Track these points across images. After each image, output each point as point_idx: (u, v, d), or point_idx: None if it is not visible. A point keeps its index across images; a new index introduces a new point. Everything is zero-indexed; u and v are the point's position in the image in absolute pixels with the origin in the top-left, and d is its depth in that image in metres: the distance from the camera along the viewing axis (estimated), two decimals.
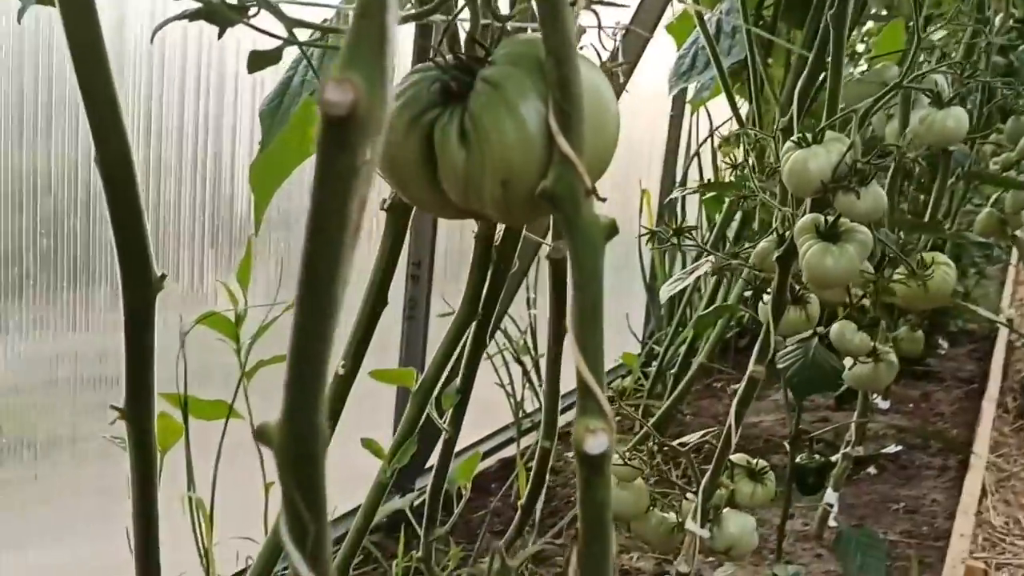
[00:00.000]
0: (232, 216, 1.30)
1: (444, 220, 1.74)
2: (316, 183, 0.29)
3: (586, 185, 0.45)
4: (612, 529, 0.45)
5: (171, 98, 1.17)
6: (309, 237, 0.28)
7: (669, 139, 2.88)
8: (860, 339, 1.15)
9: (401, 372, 1.08)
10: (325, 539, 0.33)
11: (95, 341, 1.19)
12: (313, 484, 0.32)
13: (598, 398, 0.44)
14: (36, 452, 1.15)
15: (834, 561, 1.77)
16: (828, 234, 0.86)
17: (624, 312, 2.76)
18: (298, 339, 0.30)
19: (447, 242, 1.75)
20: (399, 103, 0.48)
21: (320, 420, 0.32)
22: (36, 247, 1.04)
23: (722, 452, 1.06)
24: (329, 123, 0.28)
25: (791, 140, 0.85)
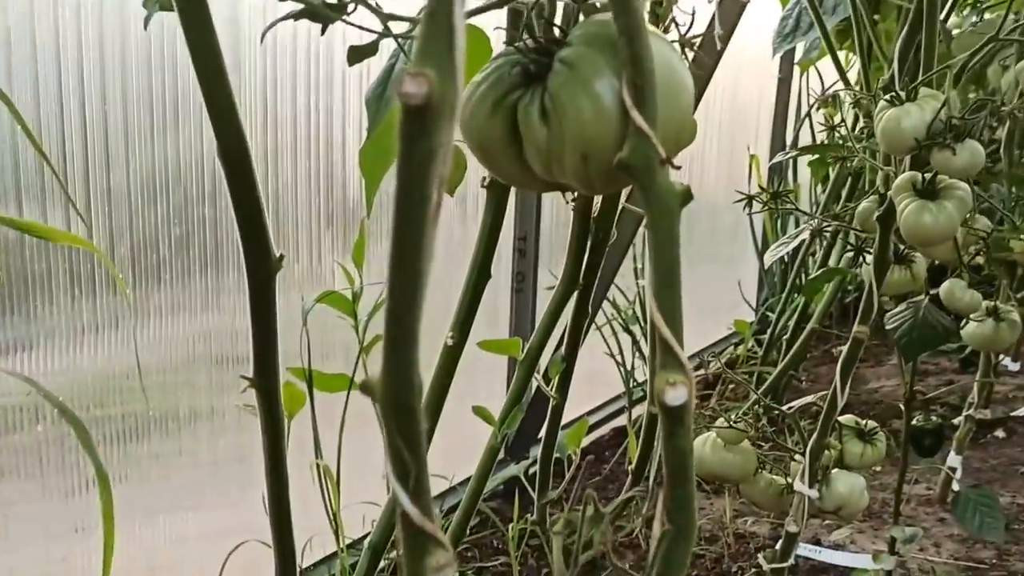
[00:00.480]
0: (345, 199, 1.36)
1: (548, 195, 1.77)
2: (399, 166, 0.33)
3: (660, 155, 0.47)
4: (694, 474, 0.48)
5: (284, 88, 1.24)
6: (396, 214, 0.32)
7: (777, 102, 2.83)
8: (970, 297, 1.12)
9: (507, 342, 1.13)
10: (424, 478, 0.37)
11: (226, 322, 1.27)
12: (411, 429, 0.36)
13: (677, 353, 0.46)
14: (179, 426, 1.25)
15: (957, 525, 1.73)
16: (926, 191, 0.85)
17: (736, 280, 2.74)
18: (392, 305, 0.34)
19: (552, 216, 1.78)
20: (484, 87, 0.52)
21: (414, 374, 0.36)
22: (170, 235, 1.13)
23: (828, 413, 1.06)
24: (408, 112, 0.32)
25: (884, 99, 0.84)
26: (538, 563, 1.55)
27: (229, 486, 1.33)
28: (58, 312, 1.05)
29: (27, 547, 1.11)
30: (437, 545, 0.37)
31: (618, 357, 1.88)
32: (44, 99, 0.98)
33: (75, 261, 1.05)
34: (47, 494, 1.12)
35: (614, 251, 1.29)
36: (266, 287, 0.67)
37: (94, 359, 1.11)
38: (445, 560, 0.37)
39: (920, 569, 1.59)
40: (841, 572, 1.53)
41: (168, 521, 1.27)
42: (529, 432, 1.75)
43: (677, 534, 0.47)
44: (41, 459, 1.10)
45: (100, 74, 1.02)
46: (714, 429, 1.11)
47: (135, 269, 1.11)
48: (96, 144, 1.03)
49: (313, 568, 1.38)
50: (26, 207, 0.97)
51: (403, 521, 0.37)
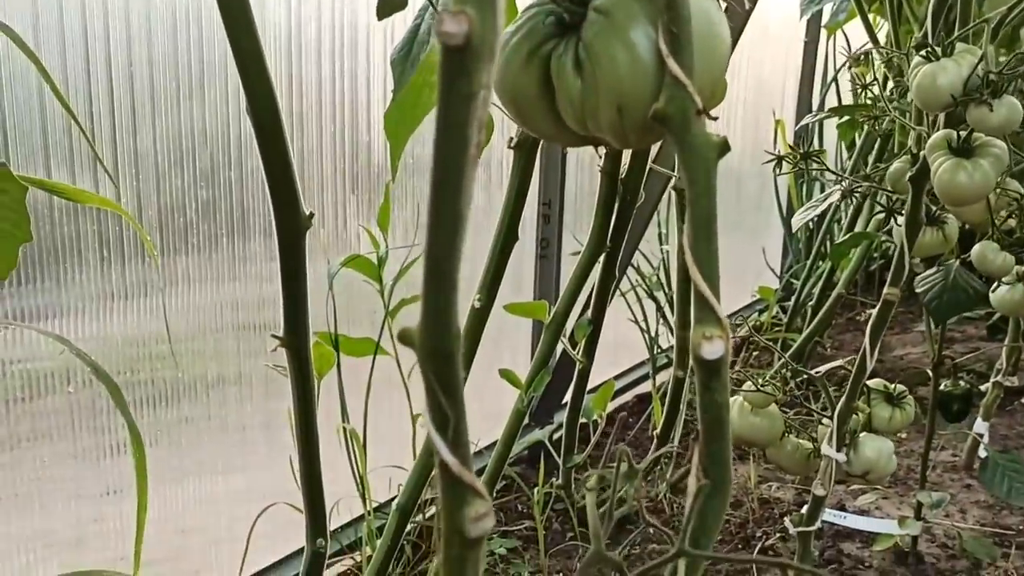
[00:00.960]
0: (370, 164, 1.36)
1: (573, 160, 1.76)
2: (439, 107, 0.32)
3: (697, 105, 0.46)
4: (729, 429, 0.47)
5: (309, 52, 1.24)
6: (435, 154, 0.32)
7: (804, 66, 2.79)
8: (1003, 260, 1.11)
9: (534, 305, 1.12)
10: (464, 428, 0.37)
11: (253, 288, 1.28)
12: (450, 377, 0.36)
13: (713, 307, 0.46)
14: (208, 391, 1.26)
15: (983, 492, 1.72)
16: (961, 149, 0.84)
17: (761, 246, 2.73)
18: (430, 249, 0.34)
19: (576, 181, 1.77)
20: (517, 37, 0.51)
21: (453, 321, 0.35)
22: (197, 199, 1.13)
23: (857, 377, 1.05)
24: (448, 51, 0.31)
25: (919, 55, 0.83)
26: (563, 527, 1.56)
27: (257, 450, 1.34)
28: (88, 278, 1.05)
29: (59, 509, 1.13)
30: (476, 495, 0.37)
31: (642, 323, 1.87)
32: (71, 61, 0.97)
33: (104, 227, 1.05)
34: (79, 457, 1.13)
35: (640, 214, 1.28)
36: (296, 245, 0.67)
37: (124, 325, 1.11)
38: (484, 510, 0.37)
39: (946, 535, 1.58)
40: (866, 537, 1.53)
41: (197, 484, 1.28)
42: (553, 398, 1.76)
43: (713, 488, 0.47)
44: (72, 422, 1.11)
45: (127, 37, 1.02)
46: (742, 393, 1.11)
47: (163, 233, 1.12)
48: (123, 107, 1.03)
49: (340, 531, 1.39)
50: (54, 170, 0.97)
51: (442, 471, 0.37)
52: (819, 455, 1.12)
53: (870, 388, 1.13)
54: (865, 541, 1.54)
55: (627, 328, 1.89)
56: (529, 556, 1.49)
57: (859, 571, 1.47)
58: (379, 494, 1.40)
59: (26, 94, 0.94)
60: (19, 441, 1.07)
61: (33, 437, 1.09)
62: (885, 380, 1.18)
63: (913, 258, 1.02)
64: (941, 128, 0.89)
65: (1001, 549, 1.54)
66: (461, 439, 0.37)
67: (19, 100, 0.93)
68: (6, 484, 1.07)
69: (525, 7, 0.53)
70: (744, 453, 1.81)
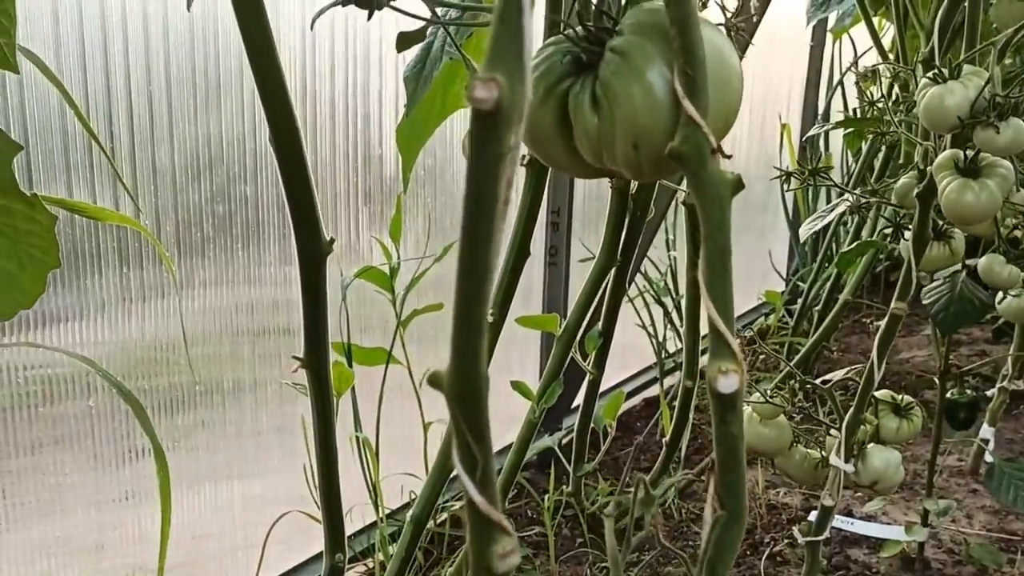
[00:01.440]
0: (382, 176, 1.38)
1: None
2: (470, 167, 0.34)
3: (711, 144, 0.48)
4: (745, 460, 0.49)
5: (322, 67, 1.25)
6: (466, 208, 0.33)
7: (810, 70, 2.80)
8: (1009, 272, 1.12)
9: (545, 318, 1.14)
10: (491, 469, 0.38)
11: (268, 295, 1.30)
12: (478, 421, 0.37)
13: (728, 341, 0.47)
14: (224, 396, 1.28)
15: (989, 496, 1.73)
16: (968, 169, 0.85)
17: (767, 249, 2.74)
18: (460, 300, 0.35)
19: (584, 190, 1.78)
20: (535, 75, 0.52)
21: (481, 365, 0.37)
22: (213, 213, 1.15)
23: (865, 388, 1.06)
24: (479, 116, 0.33)
25: (926, 76, 0.84)
26: (572, 533, 1.58)
27: (272, 455, 1.36)
28: (107, 286, 1.07)
29: (79, 515, 1.15)
30: (503, 533, 0.39)
31: (650, 329, 1.88)
32: (92, 81, 0.99)
33: (123, 237, 1.07)
34: (98, 463, 1.15)
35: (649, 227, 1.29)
36: (317, 270, 0.68)
37: (142, 332, 1.13)
38: (511, 547, 0.39)
39: (952, 541, 1.60)
40: (873, 543, 1.55)
41: (213, 490, 1.30)
42: (562, 403, 1.77)
43: (729, 519, 0.48)
44: (92, 429, 1.13)
45: (145, 56, 1.04)
46: (750, 404, 1.12)
47: (180, 246, 1.13)
48: (142, 124, 1.05)
49: (353, 537, 1.41)
50: (75, 186, 0.99)
51: (470, 509, 0.38)
52: (827, 465, 1.13)
53: (878, 399, 1.14)
54: (872, 547, 1.56)
55: (635, 332, 1.91)
56: (539, 562, 1.51)
57: None
58: (391, 501, 1.42)
59: (48, 114, 0.95)
60: (40, 446, 1.09)
61: (54, 442, 1.10)
62: (892, 383, 1.20)
63: (920, 271, 1.04)
64: (948, 147, 0.90)
65: (1007, 555, 1.55)
66: (488, 479, 0.38)
67: (41, 120, 0.95)
68: (27, 490, 1.09)
69: (542, 46, 0.55)
70: (752, 459, 1.83)
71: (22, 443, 1.07)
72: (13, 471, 1.07)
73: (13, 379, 1.04)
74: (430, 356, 1.45)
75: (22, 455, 1.07)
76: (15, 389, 1.04)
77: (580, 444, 1.43)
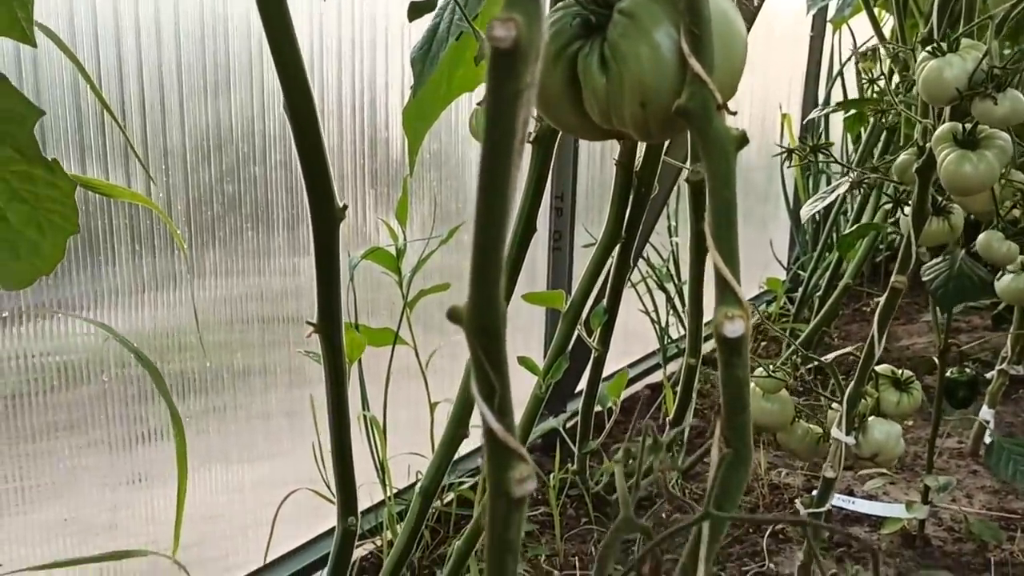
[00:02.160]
0: (388, 159, 1.39)
1: (584, 155, 1.79)
2: (489, 104, 0.35)
3: (717, 100, 0.49)
4: (750, 404, 0.50)
5: (330, 51, 1.27)
6: (485, 145, 0.35)
7: (810, 61, 2.82)
8: (1008, 248, 1.14)
9: (551, 294, 1.15)
10: (508, 398, 0.40)
11: (277, 283, 1.31)
12: (496, 352, 0.39)
13: (734, 288, 0.49)
14: (235, 381, 1.30)
15: (989, 477, 1.75)
16: (966, 141, 0.87)
17: (768, 239, 2.75)
18: (479, 233, 0.37)
19: (588, 176, 1.80)
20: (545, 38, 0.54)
21: (499, 300, 0.38)
22: (223, 193, 1.17)
23: (866, 362, 1.08)
24: (497, 54, 0.34)
25: (926, 50, 0.86)
26: (577, 512, 1.59)
27: (281, 438, 1.38)
28: (120, 271, 1.09)
29: (92, 496, 1.16)
30: (519, 459, 0.40)
31: (653, 315, 1.90)
32: (104, 65, 1.01)
33: (136, 225, 1.09)
34: (109, 446, 1.17)
35: (653, 206, 1.31)
36: (331, 236, 0.70)
37: (154, 317, 1.15)
38: (527, 472, 0.40)
39: (952, 519, 1.61)
40: (875, 521, 1.56)
41: (224, 472, 1.32)
42: (567, 386, 1.79)
43: (735, 457, 0.50)
44: (102, 413, 1.15)
45: (156, 37, 1.05)
46: (753, 379, 1.14)
47: (191, 226, 1.15)
48: (153, 106, 1.07)
49: (362, 516, 1.42)
50: (89, 167, 1.01)
51: (488, 437, 0.40)
52: (829, 440, 1.15)
53: (878, 374, 1.16)
54: (873, 525, 1.57)
55: (638, 319, 1.92)
56: (545, 540, 1.52)
57: (867, 554, 1.50)
58: (399, 481, 1.43)
59: (62, 95, 0.97)
60: (54, 430, 1.11)
61: (69, 426, 1.12)
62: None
63: (920, 247, 1.05)
64: (947, 121, 0.92)
65: (1007, 532, 1.57)
66: (506, 408, 0.40)
67: (56, 101, 0.96)
68: (41, 472, 1.10)
69: (552, 9, 0.56)
70: (754, 440, 1.84)
71: (38, 427, 1.08)
72: (30, 454, 1.09)
73: (28, 365, 1.05)
74: (435, 340, 1.47)
75: (37, 439, 1.09)
76: (30, 375, 1.06)
77: (584, 422, 1.45)
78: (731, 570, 1.45)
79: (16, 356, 1.04)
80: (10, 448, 1.06)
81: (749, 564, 1.47)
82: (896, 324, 2.72)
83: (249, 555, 1.34)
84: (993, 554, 1.50)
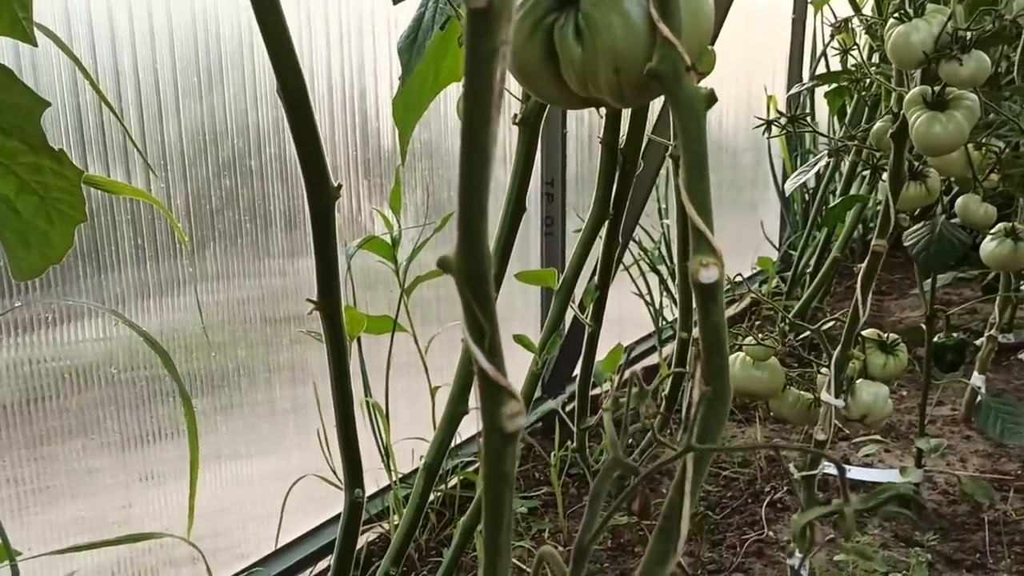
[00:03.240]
0: (380, 149, 1.42)
1: (573, 141, 1.82)
2: (467, 61, 0.38)
3: (686, 62, 0.52)
4: (727, 345, 0.53)
5: (318, 42, 1.30)
6: (466, 101, 0.38)
7: (792, 43, 2.85)
8: (985, 211, 1.17)
9: (543, 272, 1.19)
10: (498, 340, 0.43)
11: (276, 283, 1.34)
12: (484, 295, 0.42)
13: (708, 238, 0.52)
14: (240, 378, 1.33)
15: (982, 442, 1.79)
16: (935, 103, 0.90)
17: (759, 221, 2.79)
18: (463, 183, 0.40)
19: (577, 161, 1.83)
20: (522, 12, 0.57)
21: (484, 246, 0.41)
22: (221, 186, 1.20)
23: (851, 326, 1.11)
24: (474, 14, 0.38)
25: (892, 17, 0.89)
26: (579, 491, 1.62)
27: (286, 432, 1.41)
28: (125, 273, 1.12)
29: (104, 495, 1.19)
30: (510, 396, 0.43)
31: (647, 297, 1.93)
32: (101, 64, 1.04)
33: (138, 221, 1.11)
34: (120, 446, 1.20)
35: (640, 184, 1.34)
36: (327, 214, 0.73)
37: (160, 318, 1.18)
38: (517, 408, 0.43)
39: (947, 483, 1.65)
40: (870, 487, 1.59)
41: (232, 467, 1.35)
42: (564, 370, 1.82)
43: (714, 396, 0.53)
44: (113, 414, 1.17)
45: (150, 34, 1.08)
46: (744, 347, 1.17)
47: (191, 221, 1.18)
48: (150, 103, 1.09)
49: (368, 501, 1.45)
50: (89, 164, 1.04)
51: (481, 377, 0.43)
52: (819, 405, 1.18)
53: (864, 338, 1.19)
54: (869, 491, 1.60)
55: (632, 303, 1.95)
56: (548, 517, 1.55)
57: (864, 518, 1.53)
58: (403, 466, 1.46)
59: (62, 95, 1.00)
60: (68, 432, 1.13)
61: (82, 428, 1.15)
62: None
63: (899, 212, 1.09)
64: (918, 85, 0.95)
65: (1000, 493, 1.60)
66: (496, 349, 0.43)
67: (56, 101, 0.99)
68: (57, 473, 1.13)
69: None
70: (751, 416, 1.88)
71: (52, 430, 1.11)
72: (45, 456, 1.12)
73: (41, 370, 1.08)
74: (433, 329, 1.50)
75: (52, 441, 1.12)
76: (43, 380, 1.09)
77: (582, 398, 1.48)
78: (731, 539, 1.49)
79: (29, 362, 1.07)
80: (26, 451, 1.09)
81: (748, 533, 1.50)
82: (888, 299, 2.75)
83: (260, 543, 1.37)
84: (986, 514, 1.54)
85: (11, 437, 1.07)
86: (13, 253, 0.73)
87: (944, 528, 1.51)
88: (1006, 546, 1.45)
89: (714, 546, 1.48)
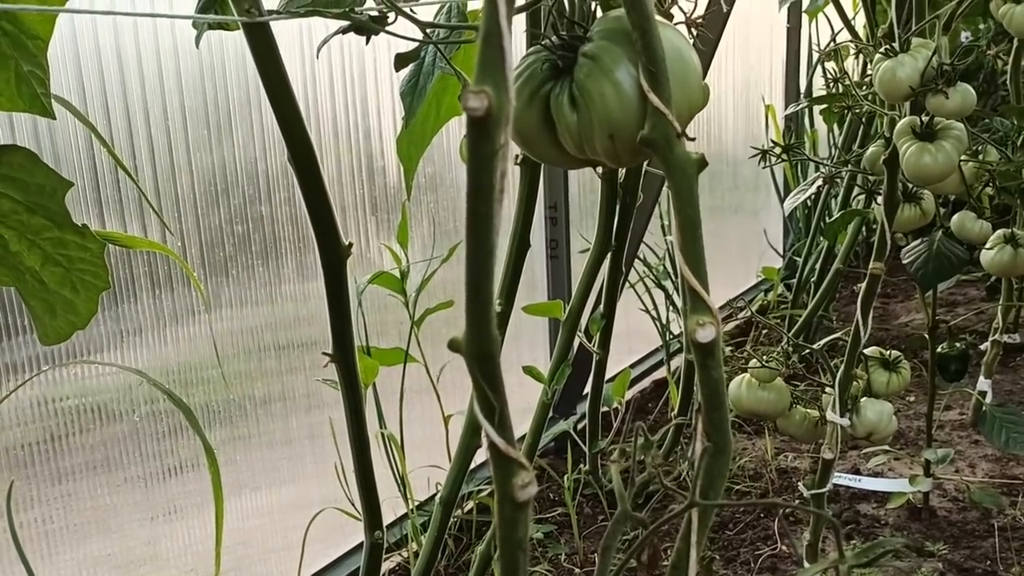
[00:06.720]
0: (386, 186, 1.45)
1: None
2: (469, 165, 0.41)
3: (676, 130, 0.55)
4: (727, 400, 0.56)
5: (323, 87, 1.33)
6: (469, 198, 0.41)
7: (788, 52, 2.87)
8: (981, 227, 1.19)
9: (550, 304, 1.21)
10: (507, 414, 0.45)
11: (287, 311, 1.37)
12: (493, 374, 0.44)
13: (704, 298, 0.55)
14: (256, 410, 1.36)
15: (991, 446, 1.80)
16: (924, 134, 0.93)
17: (762, 228, 2.81)
18: (470, 275, 0.43)
19: (579, 183, 1.86)
20: (519, 82, 0.60)
21: (492, 329, 0.44)
22: (233, 234, 1.23)
23: (853, 346, 1.14)
24: (473, 122, 0.40)
25: (879, 52, 0.91)
26: (593, 511, 1.65)
27: (304, 461, 1.44)
28: (142, 312, 1.15)
29: (129, 531, 1.22)
30: (520, 467, 0.46)
31: (653, 312, 1.96)
32: (115, 121, 1.07)
33: (154, 270, 1.15)
34: (144, 481, 1.23)
35: (641, 212, 1.37)
36: (339, 272, 0.76)
37: (176, 353, 1.21)
38: (528, 479, 0.46)
39: (956, 489, 1.67)
40: (881, 497, 1.61)
41: (252, 498, 1.38)
42: (574, 390, 1.84)
43: (715, 449, 0.55)
44: (135, 450, 1.20)
45: (160, 92, 1.12)
46: (749, 370, 1.19)
47: (205, 267, 1.21)
48: (162, 155, 1.13)
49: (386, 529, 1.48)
50: (107, 219, 1.07)
51: (491, 450, 0.46)
52: (825, 422, 1.20)
53: (867, 356, 1.21)
54: (880, 501, 1.63)
55: (640, 317, 1.98)
56: (564, 540, 1.58)
57: (876, 528, 1.55)
58: (419, 493, 1.49)
59: (78, 156, 1.03)
60: (91, 469, 1.16)
61: (105, 465, 1.18)
62: (892, 347, 1.27)
63: (895, 233, 1.11)
64: (908, 114, 0.98)
65: (1010, 498, 1.62)
66: (506, 423, 0.46)
67: (72, 161, 1.03)
68: (83, 509, 1.16)
69: (524, 55, 0.62)
70: (760, 428, 1.90)
71: (76, 467, 1.14)
72: (71, 494, 1.15)
73: (63, 408, 1.11)
74: (444, 356, 1.53)
75: (76, 478, 1.15)
76: (65, 418, 1.12)
77: (592, 423, 1.51)
78: (744, 555, 1.51)
79: (51, 400, 1.10)
80: (52, 488, 1.12)
81: (762, 548, 1.52)
82: (894, 302, 2.77)
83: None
84: (996, 520, 1.55)
85: (38, 475, 1.10)
86: (40, 320, 0.76)
87: (955, 536, 1.53)
88: (1016, 552, 1.47)
89: (728, 563, 1.50)
